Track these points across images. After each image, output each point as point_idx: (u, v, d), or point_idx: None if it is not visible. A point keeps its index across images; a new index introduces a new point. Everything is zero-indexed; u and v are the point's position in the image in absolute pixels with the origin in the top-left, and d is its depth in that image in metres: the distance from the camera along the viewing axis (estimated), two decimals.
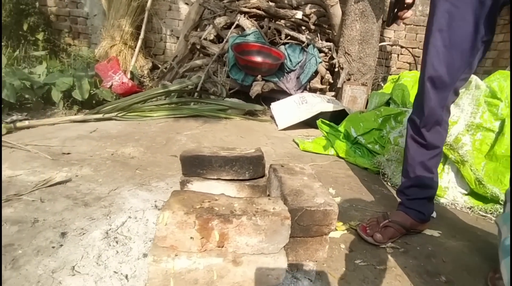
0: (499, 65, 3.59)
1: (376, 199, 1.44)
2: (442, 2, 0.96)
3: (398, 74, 2.74)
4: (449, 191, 1.51)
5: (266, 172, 1.10)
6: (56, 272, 0.83)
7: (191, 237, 0.69)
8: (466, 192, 1.50)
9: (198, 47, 3.06)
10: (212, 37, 3.06)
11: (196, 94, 2.80)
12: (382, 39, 3.80)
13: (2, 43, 3.10)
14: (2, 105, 2.12)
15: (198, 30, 3.37)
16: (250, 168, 1.05)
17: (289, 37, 3.21)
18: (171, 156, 1.75)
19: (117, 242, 0.97)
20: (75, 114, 2.34)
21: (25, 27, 3.42)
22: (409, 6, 1.05)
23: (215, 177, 1.06)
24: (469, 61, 0.97)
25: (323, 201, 0.76)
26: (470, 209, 1.43)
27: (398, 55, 4.07)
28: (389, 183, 1.63)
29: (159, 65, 3.66)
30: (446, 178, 1.52)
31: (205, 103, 2.68)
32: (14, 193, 1.17)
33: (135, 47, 3.45)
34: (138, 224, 1.06)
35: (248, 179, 1.06)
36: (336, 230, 1.11)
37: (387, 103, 2.32)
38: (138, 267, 0.87)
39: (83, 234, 0.98)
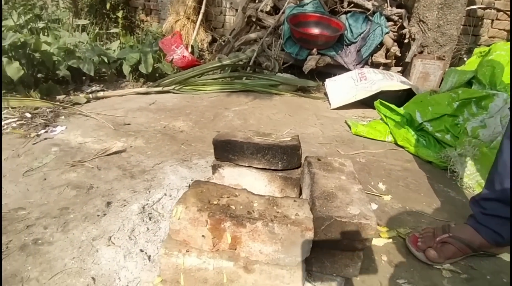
0: None
1: (438, 203, 1.22)
2: None
3: (489, 45, 2.21)
4: None
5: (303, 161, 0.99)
6: (95, 240, 0.91)
7: (202, 235, 0.64)
8: None
9: (254, 19, 2.92)
10: (268, 8, 2.89)
11: (249, 68, 2.72)
12: (471, 1, 3.13)
13: (89, 21, 3.42)
14: (84, 77, 2.41)
15: (256, 1, 3.21)
16: (284, 158, 0.95)
17: (352, 5, 2.85)
18: (216, 132, 1.78)
19: (150, 218, 1.02)
20: (141, 86, 2.53)
21: (107, 6, 3.78)
22: None
23: (247, 165, 0.99)
24: None
25: (359, 212, 0.63)
26: None
27: (492, 20, 3.29)
28: (459, 184, 1.37)
29: (218, 38, 3.67)
30: None
31: (257, 78, 2.59)
32: (79, 159, 1.34)
33: (197, 21, 3.48)
34: (172, 202, 1.10)
35: (281, 170, 0.97)
36: (380, 236, 0.97)
37: (469, 83, 1.92)
38: (160, 250, 0.87)
39: (124, 206, 1.07)
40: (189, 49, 3.24)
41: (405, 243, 0.93)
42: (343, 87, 2.38)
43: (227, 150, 1.01)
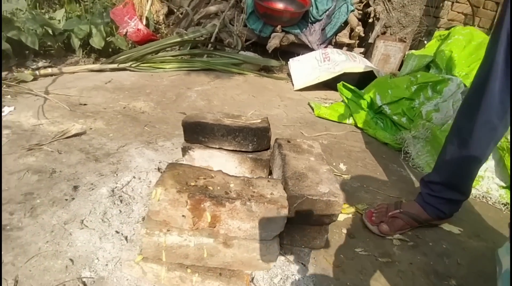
0: None
1: (391, 181, 1.42)
2: None
3: (448, 28, 2.43)
4: (484, 181, 1.38)
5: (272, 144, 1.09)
6: (67, 224, 0.93)
7: (183, 215, 0.71)
8: (504, 185, 1.37)
9: None
10: None
11: (210, 45, 2.71)
12: None
13: None
14: (27, 51, 2.24)
15: None
16: (254, 140, 1.04)
17: None
18: (180, 113, 1.81)
19: (121, 201, 1.06)
20: (93, 62, 2.43)
21: None
22: None
23: (217, 147, 1.07)
24: None
25: (328, 190, 0.76)
26: (504, 205, 1.33)
27: (452, 3, 3.61)
28: (410, 164, 1.59)
29: (175, 10, 3.53)
30: (483, 165, 1.43)
31: (219, 56, 2.60)
32: (36, 143, 1.31)
33: None
34: (141, 184, 1.13)
35: (251, 151, 1.06)
36: (341, 212, 1.12)
37: (427, 67, 2.16)
38: (136, 230, 0.93)
39: (92, 189, 1.09)
40: (144, 22, 3.10)
41: (362, 217, 1.10)
42: (307, 68, 2.51)
43: (197, 132, 1.07)
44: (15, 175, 1.10)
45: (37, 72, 2.01)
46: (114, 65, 2.31)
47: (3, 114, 1.50)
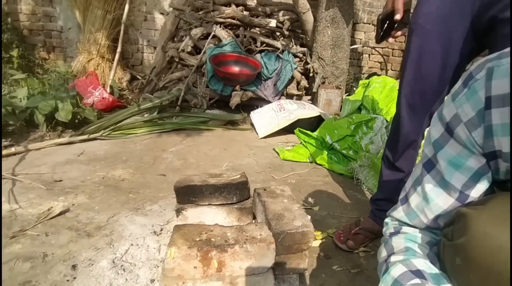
0: None
1: (351, 205, 1.65)
2: (414, 39, 1.08)
3: (370, 75, 2.95)
4: None
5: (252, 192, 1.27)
6: None
7: (194, 267, 0.85)
8: None
9: (177, 60, 3.16)
10: (189, 49, 3.17)
11: (178, 107, 2.91)
12: (353, 41, 4.03)
13: None
14: None
15: (175, 40, 3.47)
16: (237, 193, 1.22)
17: (264, 45, 3.37)
18: (159, 175, 1.88)
19: (124, 270, 1.09)
20: (59, 135, 2.40)
21: None
22: (401, 26, 1.09)
23: (207, 203, 1.22)
24: (439, 90, 1.08)
25: (301, 223, 0.95)
26: None
27: (369, 55, 4.33)
28: (363, 188, 1.85)
29: (138, 76, 3.74)
30: None
31: (186, 116, 2.81)
32: (19, 229, 1.27)
33: (113, 60, 3.50)
34: (140, 250, 1.19)
35: (236, 202, 1.23)
36: (316, 239, 1.31)
37: (359, 109, 2.55)
38: None
39: (92, 264, 1.10)
40: (108, 90, 3.25)
41: (333, 240, 1.29)
42: (266, 118, 2.79)
43: (188, 194, 1.23)
44: (6, 266, 1.06)
45: None
46: (85, 136, 2.32)
47: None
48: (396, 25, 1.08)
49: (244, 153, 2.33)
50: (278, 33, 3.55)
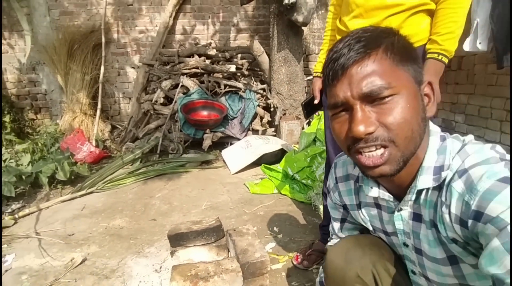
0: None
1: (309, 229, 2.07)
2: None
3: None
4: None
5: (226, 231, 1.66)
6: None
7: None
8: None
9: (152, 112, 3.55)
10: (162, 100, 3.58)
11: (157, 155, 3.28)
12: (308, 71, 4.60)
13: None
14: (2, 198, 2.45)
15: (148, 91, 3.87)
16: (214, 234, 1.61)
17: (227, 86, 3.85)
18: (151, 220, 2.23)
19: None
20: (61, 192, 2.74)
21: None
22: (319, 106, 1.44)
23: (192, 245, 1.61)
24: None
25: (260, 255, 1.35)
26: None
27: None
28: (320, 213, 2.28)
29: (118, 126, 4.11)
30: None
31: (166, 162, 3.18)
32: (54, 278, 1.60)
33: (95, 115, 3.86)
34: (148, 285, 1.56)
35: (214, 241, 1.62)
36: (279, 262, 1.71)
37: (314, 141, 3.03)
38: None
39: None
40: (94, 143, 3.59)
41: (292, 261, 1.70)
42: (236, 155, 3.22)
43: (178, 239, 1.61)
44: None
45: (16, 215, 2.25)
46: (83, 192, 2.68)
47: (7, 263, 1.74)
48: (316, 106, 1.53)
49: (220, 191, 2.73)
50: (239, 74, 4.05)
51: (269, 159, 3.09)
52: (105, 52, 3.88)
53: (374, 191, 0.75)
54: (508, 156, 0.57)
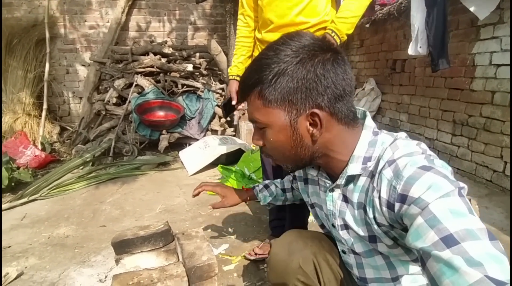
0: (360, 80, 4.75)
1: (263, 229, 2.10)
2: None
3: None
4: None
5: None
6: None
7: None
8: None
9: (104, 113, 3.39)
10: (114, 100, 3.43)
11: (110, 158, 3.14)
12: None
13: None
14: None
15: (100, 90, 3.68)
16: (162, 239, 1.57)
17: (185, 86, 3.78)
18: (100, 227, 2.13)
19: None
20: None
21: None
22: (237, 105, 1.62)
23: (139, 251, 1.55)
24: None
25: (207, 258, 1.35)
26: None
27: None
28: None
29: (68, 127, 3.85)
30: None
31: (120, 165, 3.05)
32: None
33: (40, 116, 3.59)
34: None
35: (162, 246, 1.59)
36: (232, 263, 1.72)
37: None
38: None
39: None
40: (39, 146, 3.35)
41: (245, 258, 1.71)
42: (194, 156, 3.18)
43: (123, 246, 1.55)
44: None
45: None
46: (24, 200, 2.47)
47: None
48: (233, 107, 1.65)
49: (176, 193, 2.67)
50: (197, 73, 3.99)
51: (229, 159, 3.09)
52: (50, 48, 3.62)
53: (314, 171, 0.86)
54: (429, 151, 0.66)
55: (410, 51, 2.35)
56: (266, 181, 1.30)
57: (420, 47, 2.28)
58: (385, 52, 3.71)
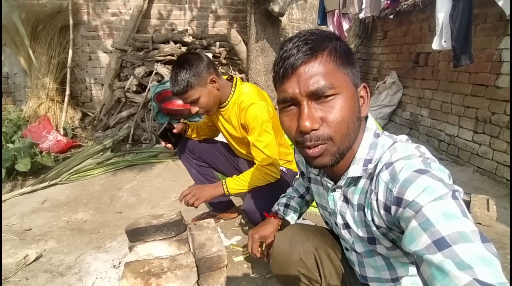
0: (382, 73, 4.60)
1: None
2: None
3: None
4: None
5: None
6: None
7: None
8: None
9: (124, 100, 3.45)
10: (134, 88, 3.48)
11: (128, 145, 3.20)
12: None
13: None
14: None
15: (121, 77, 3.74)
16: (175, 228, 1.60)
17: None
18: (117, 213, 2.18)
19: None
20: (21, 184, 2.58)
21: None
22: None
23: (152, 239, 1.59)
24: None
25: (217, 249, 1.36)
26: None
27: None
28: None
29: (89, 113, 3.95)
30: None
31: (138, 152, 3.11)
32: (3, 278, 1.52)
33: (63, 102, 3.68)
34: (104, 282, 1.52)
35: (175, 236, 1.61)
36: (242, 254, 1.73)
37: None
38: None
39: None
40: (62, 132, 3.45)
41: None
42: None
43: (137, 234, 1.58)
44: None
45: None
46: (46, 183, 2.55)
47: None
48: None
49: (191, 182, 2.69)
50: (217, 63, 3.97)
51: None
52: (73, 35, 3.69)
53: (315, 170, 0.87)
54: (427, 155, 0.64)
55: (435, 45, 2.22)
56: (283, 200, 1.23)
57: (445, 41, 2.16)
58: (408, 45, 3.54)
